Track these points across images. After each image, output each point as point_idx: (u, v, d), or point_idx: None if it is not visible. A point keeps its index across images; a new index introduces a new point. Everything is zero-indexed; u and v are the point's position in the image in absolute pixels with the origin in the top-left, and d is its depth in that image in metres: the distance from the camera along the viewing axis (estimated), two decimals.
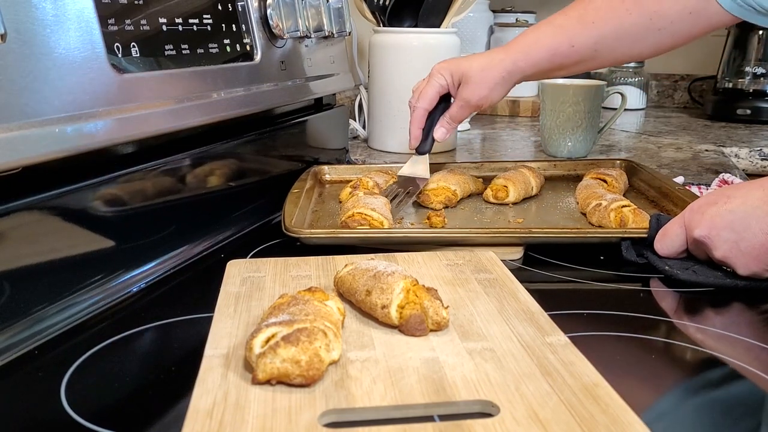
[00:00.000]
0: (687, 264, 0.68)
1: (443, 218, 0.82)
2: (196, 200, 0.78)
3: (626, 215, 0.78)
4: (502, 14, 1.88)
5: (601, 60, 0.89)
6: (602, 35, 0.86)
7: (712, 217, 0.64)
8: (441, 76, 0.91)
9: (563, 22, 0.88)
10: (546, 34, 0.88)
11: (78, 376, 0.50)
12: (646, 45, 0.87)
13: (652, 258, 0.70)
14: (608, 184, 0.91)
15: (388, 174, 0.96)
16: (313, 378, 0.44)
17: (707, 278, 0.65)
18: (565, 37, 0.87)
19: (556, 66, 0.89)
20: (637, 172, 1.01)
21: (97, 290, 0.62)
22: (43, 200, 0.57)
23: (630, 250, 0.72)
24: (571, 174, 1.05)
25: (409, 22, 1.24)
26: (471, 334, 0.52)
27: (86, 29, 0.60)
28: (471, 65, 0.89)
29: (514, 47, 0.89)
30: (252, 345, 0.45)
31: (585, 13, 0.87)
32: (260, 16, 0.88)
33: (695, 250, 0.68)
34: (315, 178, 1.00)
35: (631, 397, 0.43)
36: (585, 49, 0.87)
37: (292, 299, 0.51)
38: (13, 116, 0.52)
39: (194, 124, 0.74)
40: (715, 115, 1.71)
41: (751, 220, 0.62)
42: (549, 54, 0.87)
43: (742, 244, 0.62)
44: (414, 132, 0.93)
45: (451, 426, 0.40)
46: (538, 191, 0.95)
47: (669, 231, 0.69)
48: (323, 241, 0.75)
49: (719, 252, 0.64)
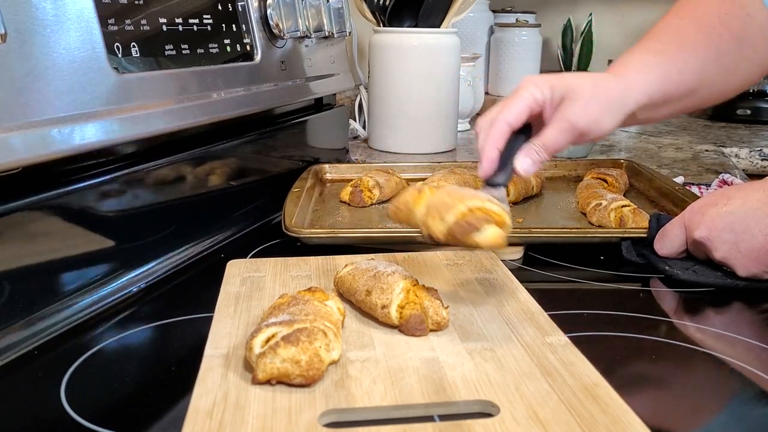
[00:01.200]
0: (687, 264, 0.68)
1: None
2: (196, 200, 0.78)
3: (626, 215, 0.78)
4: (502, 14, 1.88)
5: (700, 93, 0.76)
6: (706, 61, 0.74)
7: (711, 218, 0.64)
8: (537, 89, 0.67)
9: (660, 48, 0.73)
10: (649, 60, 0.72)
11: (78, 376, 0.50)
12: (739, 76, 0.78)
13: (652, 258, 0.70)
14: (609, 183, 0.91)
15: (389, 173, 0.96)
16: (313, 378, 0.44)
17: (707, 278, 0.65)
18: (670, 63, 0.72)
19: (666, 97, 0.72)
20: (637, 172, 1.01)
21: (97, 290, 0.62)
22: (43, 200, 0.57)
23: (630, 250, 0.72)
24: (572, 174, 1.05)
25: (409, 22, 1.24)
26: (471, 334, 0.52)
27: (86, 29, 0.60)
28: (579, 80, 0.68)
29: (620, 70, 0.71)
30: (252, 345, 0.45)
31: (678, 38, 0.75)
32: (260, 16, 0.88)
33: (695, 251, 0.68)
34: (316, 177, 1.00)
35: (631, 397, 0.43)
36: (691, 78, 0.73)
37: (292, 299, 0.51)
38: (13, 116, 0.52)
39: (194, 124, 0.74)
40: (715, 115, 1.71)
41: (751, 221, 0.62)
42: (661, 82, 0.71)
43: (742, 246, 0.62)
44: (489, 153, 0.64)
45: (451, 426, 0.40)
46: (538, 191, 0.95)
47: (669, 231, 0.69)
48: (323, 240, 0.75)
49: (719, 253, 0.64)
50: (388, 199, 0.92)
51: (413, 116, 1.23)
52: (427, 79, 1.22)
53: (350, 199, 0.90)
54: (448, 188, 0.57)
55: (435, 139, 1.26)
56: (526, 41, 1.76)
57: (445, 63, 1.23)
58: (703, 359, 0.54)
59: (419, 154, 1.24)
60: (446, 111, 1.26)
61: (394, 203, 0.59)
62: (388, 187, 0.93)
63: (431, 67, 1.22)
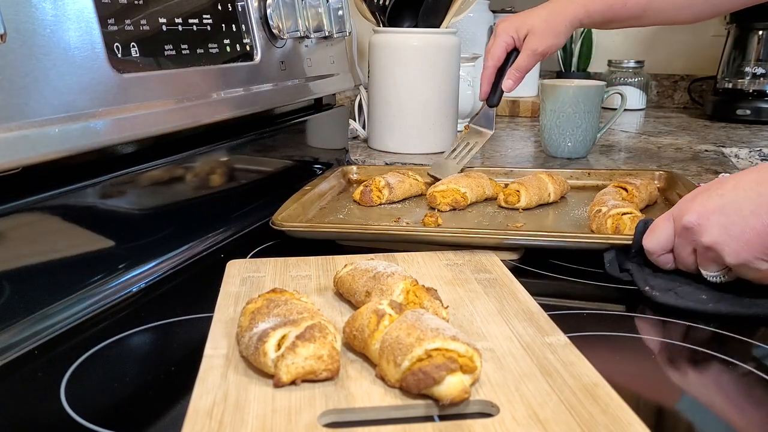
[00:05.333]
0: (670, 285, 0.64)
1: (437, 219, 0.81)
2: (196, 200, 0.78)
3: (623, 222, 0.75)
4: (502, 14, 1.87)
5: (647, 20, 1.00)
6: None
7: (702, 202, 0.61)
8: (506, 34, 1.00)
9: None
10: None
11: (78, 376, 0.50)
12: (691, 10, 0.97)
13: (636, 275, 0.66)
14: (628, 192, 0.87)
15: (406, 174, 0.96)
16: (337, 370, 0.45)
17: (687, 302, 0.61)
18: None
19: (608, 20, 1.00)
20: (675, 184, 0.95)
21: (97, 290, 0.62)
22: (43, 200, 0.57)
23: (614, 265, 0.68)
24: (605, 184, 0.96)
25: (409, 22, 1.24)
26: (471, 334, 0.52)
27: (86, 29, 0.60)
28: (534, 18, 0.99)
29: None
30: (265, 350, 0.45)
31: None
32: (260, 16, 0.88)
33: (681, 245, 0.64)
34: (342, 177, 1.02)
35: (631, 397, 0.43)
36: (636, 7, 0.97)
37: (267, 302, 0.50)
38: (13, 116, 0.52)
39: (194, 124, 0.74)
40: (715, 116, 1.71)
41: (743, 202, 0.58)
42: (604, 8, 0.98)
43: (733, 229, 0.58)
44: (483, 87, 1.03)
45: (451, 426, 0.40)
46: (556, 198, 0.92)
47: (656, 226, 0.66)
48: (305, 235, 0.76)
49: (708, 237, 0.60)
50: (399, 200, 0.94)
51: (413, 116, 1.23)
52: (427, 79, 1.22)
53: (360, 198, 0.91)
54: (409, 318, 0.46)
55: (435, 139, 1.26)
56: None
57: (445, 63, 1.23)
58: (703, 359, 0.54)
59: (419, 154, 1.24)
60: (446, 111, 1.26)
61: (349, 324, 0.49)
62: (400, 188, 0.93)
63: (431, 67, 1.22)
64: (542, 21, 0.98)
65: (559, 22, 0.98)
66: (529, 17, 1.00)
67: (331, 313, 0.57)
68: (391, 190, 0.92)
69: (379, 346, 0.46)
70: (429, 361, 0.42)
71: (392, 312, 0.47)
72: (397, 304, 0.48)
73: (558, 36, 0.99)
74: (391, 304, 0.48)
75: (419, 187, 0.97)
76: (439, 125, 1.25)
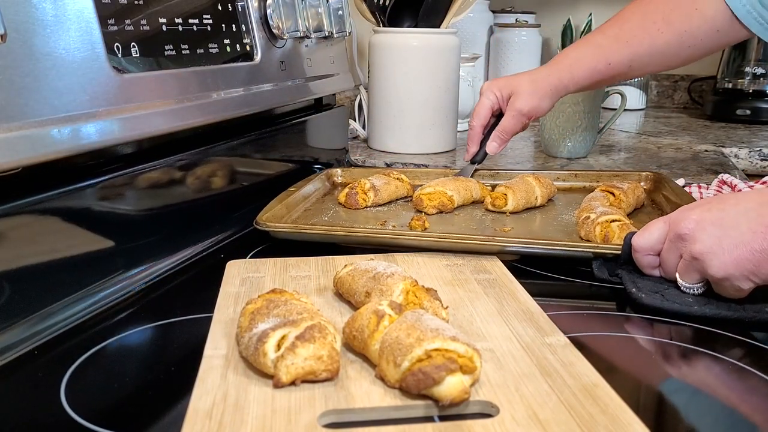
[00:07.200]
0: (658, 287, 0.64)
1: (423, 222, 0.80)
2: (196, 200, 0.78)
3: (612, 230, 0.74)
4: (502, 14, 1.88)
5: (634, 74, 1.01)
6: (637, 54, 0.95)
7: (701, 213, 0.61)
8: (491, 93, 1.00)
9: (601, 42, 0.97)
10: (586, 54, 0.97)
11: (78, 376, 0.50)
12: (677, 60, 0.97)
13: (624, 277, 0.66)
14: (615, 197, 0.86)
15: (389, 176, 0.95)
16: (337, 371, 0.45)
17: (672, 305, 0.61)
18: (602, 57, 0.96)
19: (595, 82, 0.99)
20: (662, 186, 0.95)
21: (97, 290, 0.62)
22: (43, 200, 0.57)
23: (602, 269, 0.68)
24: (593, 186, 0.96)
25: (409, 22, 1.25)
26: (470, 335, 0.52)
27: (86, 29, 0.60)
28: (519, 80, 0.99)
29: (558, 66, 0.98)
30: (265, 350, 0.45)
31: (620, 32, 0.96)
32: (260, 16, 0.88)
33: (670, 249, 0.63)
34: (327, 179, 1.01)
35: (631, 397, 0.43)
36: (620, 66, 0.96)
37: (267, 302, 0.50)
38: (13, 116, 0.52)
39: (194, 124, 0.74)
40: (715, 116, 1.71)
41: (742, 219, 0.59)
42: (589, 72, 0.97)
43: (726, 241, 0.58)
44: (471, 148, 1.03)
45: (451, 426, 0.41)
46: (543, 202, 0.91)
47: (651, 225, 0.65)
48: (289, 236, 0.76)
49: (699, 246, 0.59)
50: (384, 203, 0.92)
51: (413, 116, 1.23)
52: (427, 79, 1.22)
53: (346, 201, 0.90)
54: (409, 319, 0.46)
55: (435, 140, 1.26)
56: (526, 41, 1.76)
57: (445, 63, 1.23)
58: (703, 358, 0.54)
59: (419, 154, 1.24)
60: (446, 111, 1.26)
61: (349, 325, 0.49)
62: (385, 190, 0.92)
63: (431, 67, 1.22)
64: (527, 82, 0.97)
65: (543, 85, 0.97)
66: (514, 78, 1.00)
67: (331, 314, 0.57)
68: (376, 192, 0.90)
69: (379, 346, 0.46)
70: (429, 362, 0.42)
71: (392, 312, 0.47)
72: (396, 305, 0.48)
73: (542, 99, 0.97)
74: (390, 304, 0.48)
75: (405, 189, 0.95)
76: (439, 125, 1.25)
